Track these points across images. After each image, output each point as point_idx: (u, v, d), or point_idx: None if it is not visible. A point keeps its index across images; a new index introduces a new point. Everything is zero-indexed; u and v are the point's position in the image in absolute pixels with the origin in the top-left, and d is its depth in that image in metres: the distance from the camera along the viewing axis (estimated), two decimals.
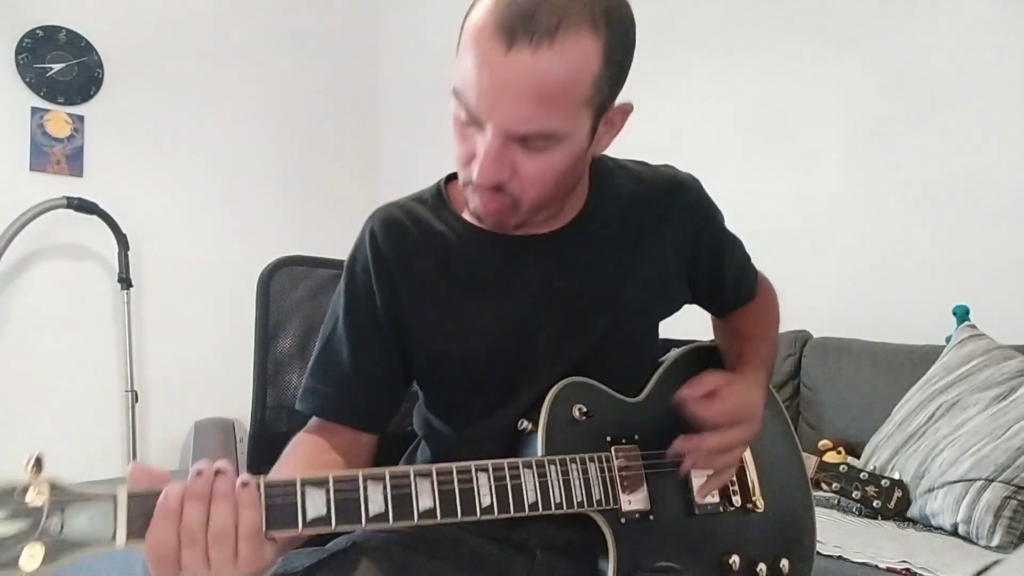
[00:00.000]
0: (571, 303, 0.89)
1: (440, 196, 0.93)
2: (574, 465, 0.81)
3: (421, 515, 0.70)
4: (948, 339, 1.95)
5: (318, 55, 3.57)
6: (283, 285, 1.19)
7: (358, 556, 0.80)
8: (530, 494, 0.77)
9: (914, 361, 1.99)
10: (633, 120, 0.84)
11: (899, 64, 2.31)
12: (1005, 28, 2.14)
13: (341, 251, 1.30)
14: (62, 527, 0.59)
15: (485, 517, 0.74)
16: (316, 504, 0.66)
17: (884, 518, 1.70)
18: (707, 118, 2.67)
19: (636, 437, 0.88)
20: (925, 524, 1.67)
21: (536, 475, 0.78)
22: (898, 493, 1.68)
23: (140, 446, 2.81)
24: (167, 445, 3.00)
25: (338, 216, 3.59)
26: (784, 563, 0.93)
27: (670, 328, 1.04)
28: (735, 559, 0.90)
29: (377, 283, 0.88)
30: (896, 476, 1.72)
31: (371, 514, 0.68)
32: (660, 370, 0.98)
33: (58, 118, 2.81)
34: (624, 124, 0.83)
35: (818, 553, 1.50)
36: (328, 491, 0.67)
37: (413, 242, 0.89)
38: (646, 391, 0.94)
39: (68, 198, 2.68)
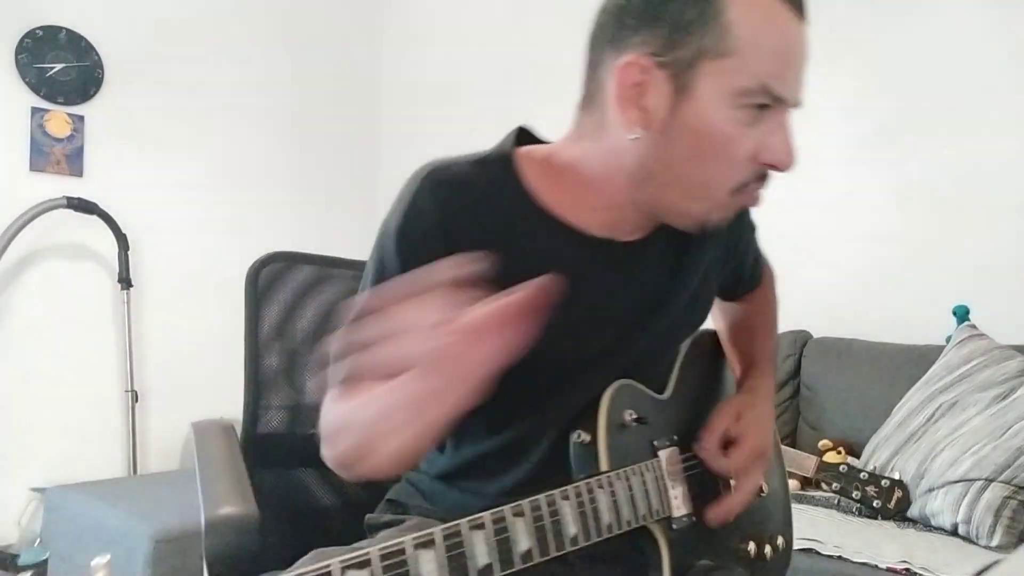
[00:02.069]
0: (629, 315, 0.85)
1: (510, 167, 0.82)
2: (636, 477, 0.77)
3: (523, 557, 0.64)
4: (948, 339, 1.94)
5: (318, 55, 3.57)
6: (271, 280, 1.17)
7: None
8: (606, 515, 0.72)
9: (914, 361, 1.99)
10: None
11: (899, 64, 2.31)
12: (1005, 28, 2.14)
13: (341, 250, 1.30)
14: None
15: (571, 549, 0.68)
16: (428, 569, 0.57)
17: (884, 518, 1.70)
18: None
19: (674, 437, 0.86)
20: (925, 524, 1.67)
21: (608, 494, 0.73)
22: (898, 493, 1.68)
23: (140, 446, 2.81)
24: (167, 445, 3.00)
25: (338, 216, 3.59)
26: (780, 540, 0.95)
27: None
28: (751, 546, 0.91)
29: (426, 256, 0.78)
30: (896, 476, 1.71)
31: (480, 567, 0.59)
32: (677, 365, 0.96)
33: (58, 118, 2.81)
34: None
35: (818, 553, 1.51)
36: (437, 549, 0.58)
37: (482, 219, 0.78)
38: (670, 388, 0.92)
39: (68, 198, 2.67)
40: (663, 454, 0.83)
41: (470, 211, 0.77)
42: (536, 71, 3.09)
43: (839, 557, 1.46)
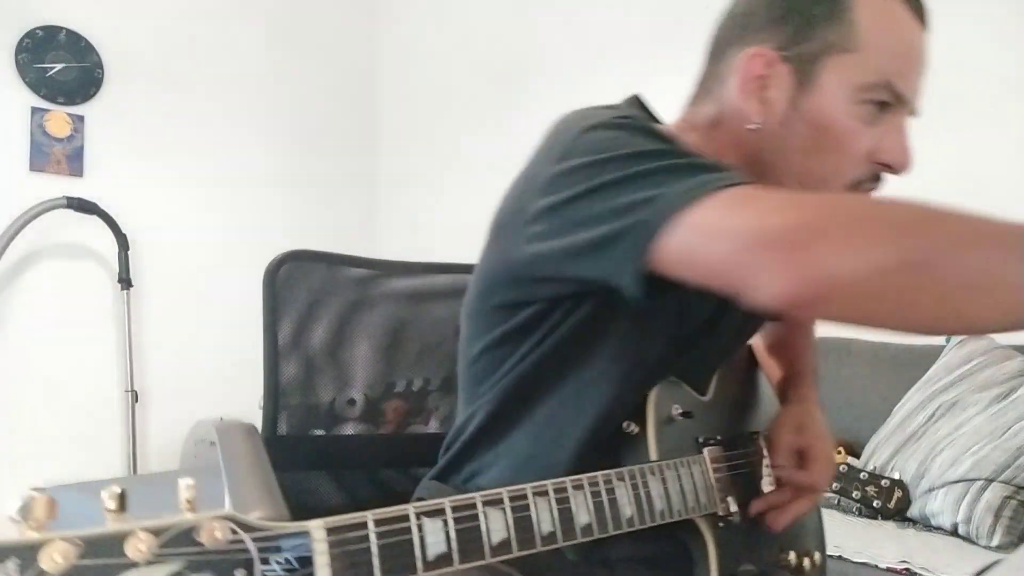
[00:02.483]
0: (719, 318, 0.85)
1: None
2: (684, 470, 0.78)
3: (583, 530, 0.64)
4: (948, 339, 1.95)
5: (318, 55, 3.57)
6: (289, 279, 1.17)
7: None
8: (657, 501, 0.73)
9: (914, 361, 1.99)
10: None
11: None
12: (1005, 28, 2.14)
13: (341, 250, 1.30)
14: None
15: (628, 529, 0.68)
16: (436, 539, 0.54)
17: (884, 518, 1.70)
18: None
19: (719, 437, 0.86)
20: (925, 524, 1.67)
21: (660, 481, 0.74)
22: (898, 493, 1.68)
23: (140, 446, 2.81)
24: (167, 445, 3.00)
25: (338, 216, 3.59)
26: (817, 556, 0.95)
27: None
28: (791, 555, 0.91)
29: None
30: (896, 476, 1.72)
31: (496, 543, 0.57)
32: (718, 370, 0.97)
33: (58, 118, 2.81)
34: None
35: None
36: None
37: None
38: (712, 390, 0.92)
39: (68, 198, 2.67)
40: (707, 451, 0.84)
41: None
42: (535, 71, 3.09)
43: (839, 557, 1.46)
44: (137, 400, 2.82)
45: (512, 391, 0.82)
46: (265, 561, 0.43)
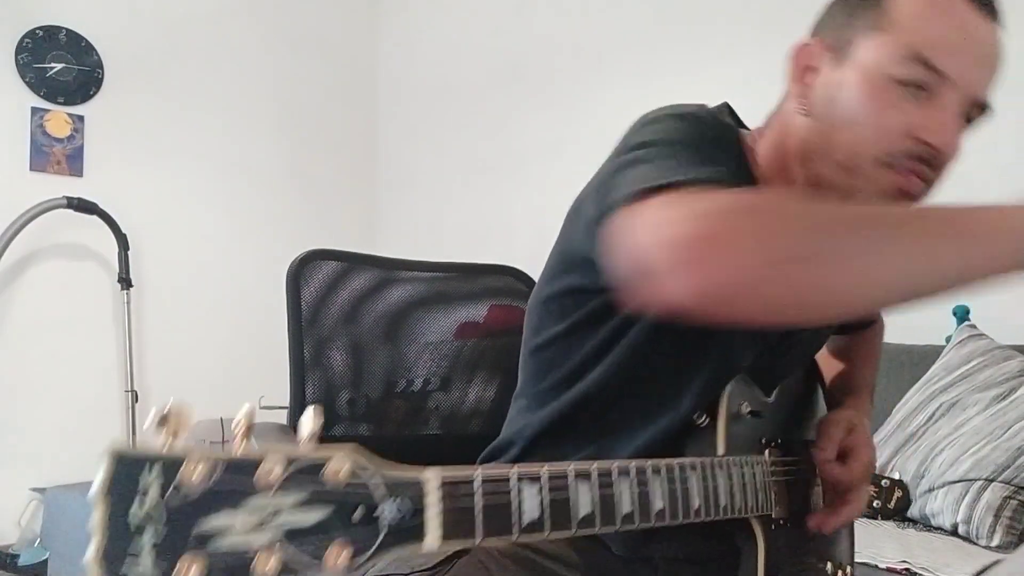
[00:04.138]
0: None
1: (738, 145, 0.83)
2: (747, 468, 0.78)
3: (657, 515, 0.64)
4: (948, 339, 1.95)
5: (318, 55, 3.57)
6: (311, 279, 1.20)
7: (485, 557, 0.79)
8: (723, 496, 0.72)
9: (914, 361, 1.99)
10: (632, 120, 0.83)
11: None
12: (1005, 28, 2.13)
13: (341, 249, 1.30)
14: (370, 519, 0.43)
15: (695, 520, 0.68)
16: (532, 505, 0.53)
17: (884, 518, 1.70)
18: None
19: (779, 440, 0.86)
20: (925, 524, 1.67)
21: (726, 476, 0.74)
22: (898, 493, 1.68)
23: (140, 446, 2.81)
24: None
25: (337, 216, 3.59)
26: (849, 569, 0.96)
27: None
28: (829, 566, 0.91)
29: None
30: (896, 476, 1.72)
31: (583, 516, 0.57)
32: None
33: (58, 118, 2.81)
34: None
35: None
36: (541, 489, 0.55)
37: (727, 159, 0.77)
38: (775, 393, 0.92)
39: (68, 198, 2.67)
40: (768, 453, 0.84)
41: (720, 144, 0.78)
42: (536, 70, 3.09)
43: None
44: (137, 400, 2.82)
45: (583, 390, 0.82)
46: (373, 503, 0.43)
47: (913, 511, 1.68)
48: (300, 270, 1.18)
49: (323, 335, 1.19)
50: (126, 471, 0.39)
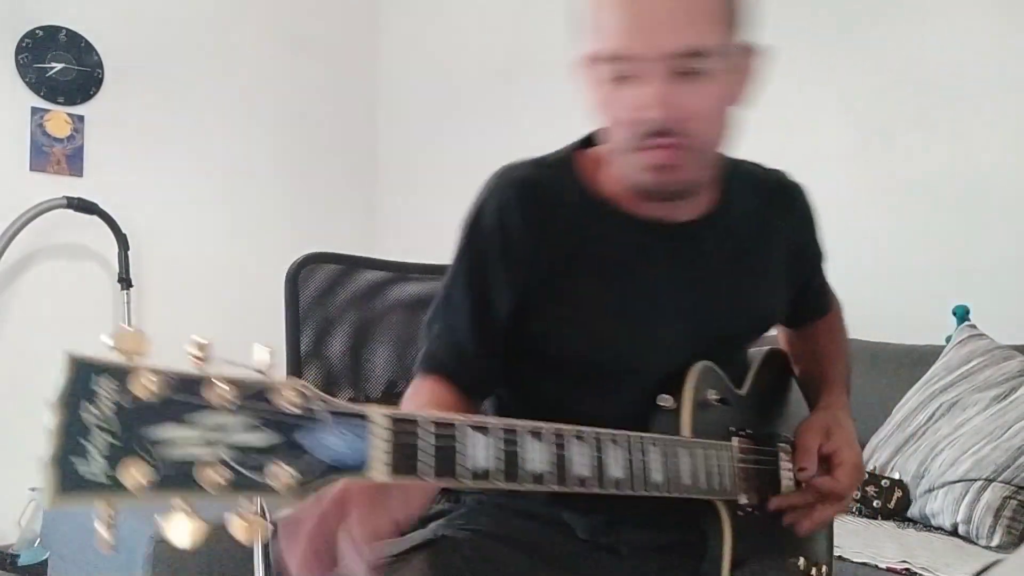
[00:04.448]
0: (700, 299, 0.87)
1: (569, 166, 0.88)
2: (711, 451, 0.80)
3: (614, 483, 0.66)
4: (948, 339, 1.94)
5: (318, 55, 3.57)
6: (309, 281, 1.21)
7: (448, 548, 0.81)
8: (686, 474, 0.75)
9: (914, 361, 1.98)
10: None
11: (899, 64, 2.31)
12: (1004, 28, 2.14)
13: (339, 250, 1.31)
14: (316, 446, 0.45)
15: (653, 493, 0.71)
16: (481, 454, 0.57)
17: (884, 518, 1.70)
18: None
19: (748, 430, 0.88)
20: (925, 524, 1.67)
21: (689, 456, 0.76)
22: (898, 493, 1.68)
23: None
24: None
25: (337, 216, 3.59)
26: (824, 568, 0.96)
27: None
28: (802, 561, 0.92)
29: (504, 260, 0.84)
30: (896, 476, 1.72)
31: (536, 472, 0.60)
32: (755, 366, 0.98)
33: (58, 118, 2.81)
34: (758, 73, 0.84)
35: None
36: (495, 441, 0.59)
37: (548, 216, 0.84)
38: (747, 386, 0.94)
39: (68, 198, 2.67)
40: (735, 441, 0.86)
41: (541, 211, 0.84)
42: (535, 71, 3.09)
43: (839, 557, 1.45)
44: None
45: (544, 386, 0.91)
46: (321, 432, 0.45)
47: (913, 511, 1.68)
48: (298, 272, 1.19)
49: (321, 336, 1.20)
50: (83, 377, 0.41)
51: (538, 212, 0.84)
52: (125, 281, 2.81)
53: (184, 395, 0.43)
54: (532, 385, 0.91)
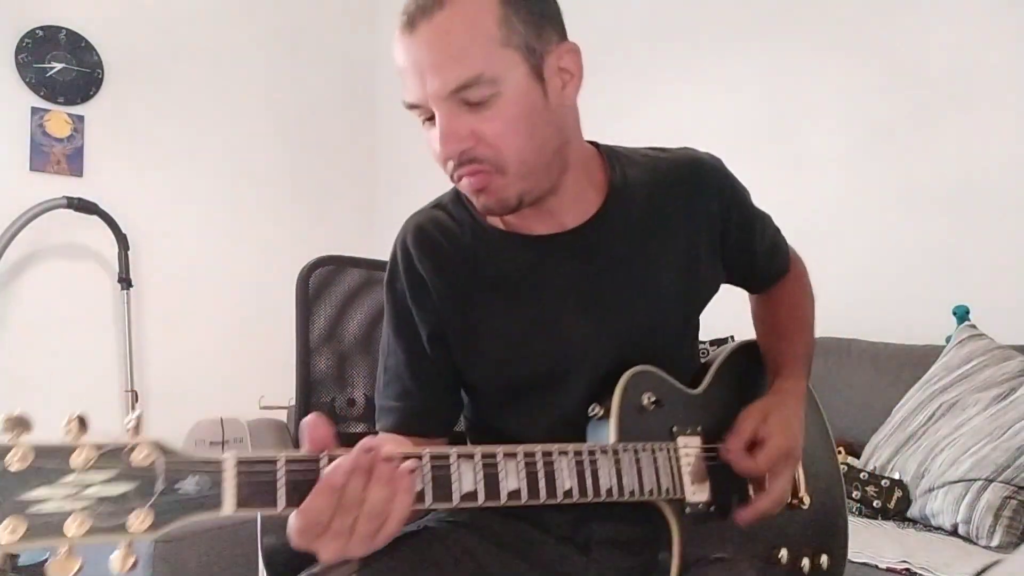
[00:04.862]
0: (603, 296, 0.90)
1: (460, 201, 0.94)
2: (645, 453, 0.82)
3: (510, 495, 0.71)
4: (948, 339, 1.94)
5: (318, 55, 3.57)
6: (320, 284, 1.24)
7: (431, 539, 0.86)
8: (606, 479, 0.77)
9: (914, 361, 1.99)
10: (632, 120, 0.85)
11: (899, 64, 2.31)
12: (1005, 28, 2.14)
13: (340, 250, 1.32)
14: (170, 492, 0.55)
15: (566, 501, 0.74)
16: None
17: (884, 518, 1.70)
18: (706, 118, 2.67)
19: (699, 429, 0.89)
20: (925, 524, 1.67)
21: (613, 461, 0.79)
22: (898, 493, 1.68)
23: None
24: None
25: (337, 216, 3.59)
26: (824, 559, 0.96)
27: (709, 330, 1.04)
28: (783, 553, 0.92)
29: (415, 302, 0.91)
30: (896, 476, 1.72)
31: (463, 492, 0.68)
32: (717, 363, 0.99)
33: (58, 118, 2.81)
34: (579, 67, 0.85)
35: None
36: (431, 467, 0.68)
37: (443, 253, 0.91)
38: (705, 383, 0.95)
39: (68, 198, 2.67)
40: (682, 440, 0.87)
41: (440, 251, 0.91)
42: None
43: None
44: (137, 400, 2.82)
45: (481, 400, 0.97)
46: (177, 480, 0.56)
47: (913, 511, 1.68)
48: (309, 275, 1.22)
49: (330, 338, 1.23)
50: None
51: (435, 251, 0.90)
52: (125, 281, 2.81)
53: (51, 461, 0.53)
54: (475, 413, 0.98)
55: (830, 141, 2.43)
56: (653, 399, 0.86)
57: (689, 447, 0.87)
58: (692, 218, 0.94)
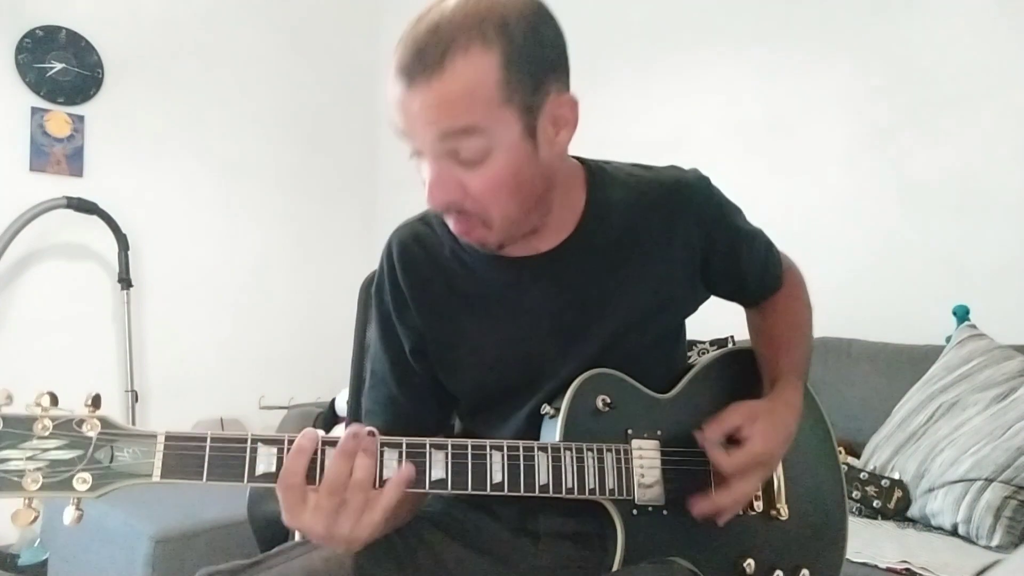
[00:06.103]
0: (568, 319, 0.91)
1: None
2: (590, 453, 0.83)
3: (433, 484, 0.76)
4: (948, 339, 1.94)
5: (318, 55, 3.57)
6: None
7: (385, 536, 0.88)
8: (542, 476, 0.79)
9: (914, 361, 1.98)
10: (632, 121, 0.84)
11: (899, 64, 2.31)
12: (1004, 28, 2.14)
13: (339, 250, 1.32)
14: (110, 460, 0.68)
15: (494, 493, 0.77)
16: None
17: (884, 518, 1.70)
18: (706, 118, 2.67)
19: (659, 433, 0.89)
20: (925, 524, 1.67)
21: (551, 458, 0.80)
22: (898, 493, 1.68)
23: None
24: None
25: (337, 216, 3.59)
26: (804, 573, 0.92)
27: (709, 329, 1.04)
28: (750, 563, 0.90)
29: (398, 317, 0.95)
30: (896, 476, 1.72)
31: (384, 478, 0.74)
32: (694, 370, 0.98)
33: (58, 118, 2.81)
34: (575, 116, 0.84)
35: None
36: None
37: (425, 267, 0.94)
38: (676, 389, 0.95)
39: (68, 198, 2.67)
40: (637, 443, 0.87)
41: (421, 265, 0.94)
42: None
43: None
44: (137, 400, 2.82)
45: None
46: (115, 450, 0.69)
47: (913, 511, 1.68)
48: (371, 283, 1.30)
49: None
50: None
51: (416, 267, 0.94)
52: (125, 281, 2.81)
53: (17, 429, 0.67)
54: (464, 422, 1.02)
55: (829, 141, 2.43)
56: (608, 401, 0.87)
57: (644, 449, 0.87)
58: (671, 241, 0.93)
